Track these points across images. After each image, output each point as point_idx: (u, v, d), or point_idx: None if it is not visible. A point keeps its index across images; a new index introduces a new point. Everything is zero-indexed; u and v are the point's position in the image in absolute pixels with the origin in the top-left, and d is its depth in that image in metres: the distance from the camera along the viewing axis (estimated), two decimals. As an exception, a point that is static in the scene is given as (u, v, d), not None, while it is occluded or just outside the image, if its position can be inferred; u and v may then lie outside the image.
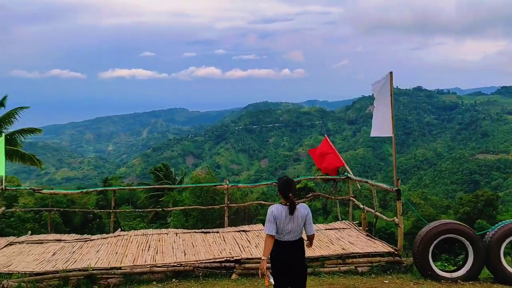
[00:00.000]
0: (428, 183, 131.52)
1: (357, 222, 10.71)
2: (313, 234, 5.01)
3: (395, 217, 8.51)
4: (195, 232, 9.81)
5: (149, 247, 8.72)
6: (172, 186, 15.12)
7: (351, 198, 10.81)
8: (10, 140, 21.63)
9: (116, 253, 8.34)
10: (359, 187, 10.83)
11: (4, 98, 22.12)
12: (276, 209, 4.75)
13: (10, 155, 20.88)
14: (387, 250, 8.21)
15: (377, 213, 9.33)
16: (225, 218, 10.52)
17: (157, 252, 8.35)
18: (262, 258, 4.67)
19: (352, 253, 8.08)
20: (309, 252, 8.12)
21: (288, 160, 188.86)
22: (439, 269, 7.78)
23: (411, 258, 8.16)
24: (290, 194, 4.74)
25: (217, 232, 9.79)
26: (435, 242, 7.65)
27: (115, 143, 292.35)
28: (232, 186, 10.56)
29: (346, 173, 11.00)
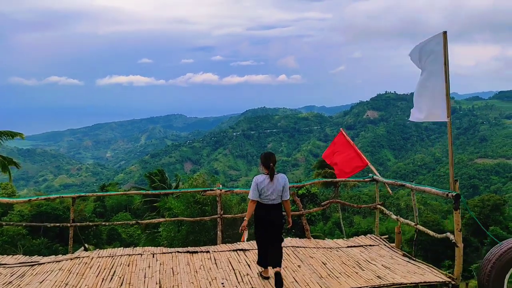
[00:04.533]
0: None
1: (386, 236, 8.44)
2: (288, 199, 5.96)
3: (448, 233, 6.25)
4: (177, 252, 7.47)
5: (113, 275, 6.40)
6: (146, 192, 12.48)
7: (378, 206, 8.53)
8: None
9: (66, 284, 6.03)
10: (390, 191, 8.56)
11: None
12: (258, 178, 5.85)
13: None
14: (441, 279, 5.92)
15: (419, 226, 7.04)
16: (218, 232, 8.22)
17: (122, 283, 6.04)
18: (244, 219, 5.93)
19: (394, 284, 5.78)
20: (334, 285, 5.84)
21: (287, 165, 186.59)
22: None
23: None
24: (271, 164, 5.77)
25: (207, 251, 7.47)
26: (512, 270, 5.44)
27: (113, 150, 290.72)
28: (226, 191, 8.28)
29: (371, 175, 8.74)
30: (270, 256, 5.94)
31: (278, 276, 5.74)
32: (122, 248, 7.80)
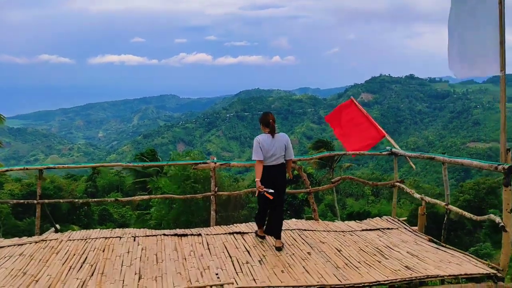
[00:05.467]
0: (420, 171, 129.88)
1: (404, 218, 7.38)
2: (291, 159, 5.89)
3: (492, 215, 5.19)
4: (164, 235, 6.34)
5: (83, 262, 5.27)
6: (127, 164, 10.84)
7: (397, 183, 7.43)
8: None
9: (24, 273, 4.91)
10: (413, 166, 7.45)
11: None
12: (260, 137, 5.73)
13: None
14: (484, 271, 4.85)
15: (451, 207, 5.97)
16: (212, 212, 7.09)
17: (92, 273, 4.92)
18: (256, 180, 5.59)
19: (428, 276, 4.71)
20: (355, 277, 4.75)
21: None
22: None
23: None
24: (271, 121, 5.71)
25: (199, 234, 6.35)
26: None
27: (105, 130, 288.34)
28: (222, 164, 7.12)
29: (389, 147, 7.62)
30: (270, 223, 5.86)
31: (279, 250, 5.65)
32: (98, 229, 6.65)
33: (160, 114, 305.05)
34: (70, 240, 6.08)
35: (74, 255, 5.50)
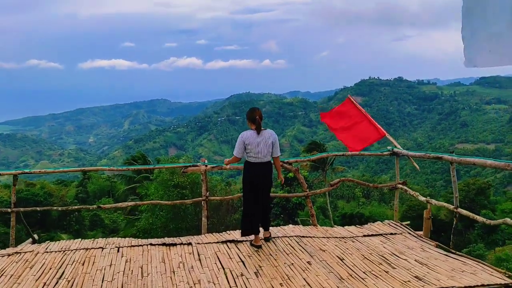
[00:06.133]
0: (409, 172, 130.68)
1: (407, 222, 6.95)
2: (278, 156, 5.63)
3: (507, 219, 4.76)
4: (150, 244, 5.83)
5: (59, 277, 4.75)
6: (110, 168, 9.90)
7: (399, 185, 7.01)
8: None
9: (-8, 292, 4.39)
10: (417, 167, 7.04)
11: None
12: (245, 134, 5.46)
13: None
14: (502, 281, 4.43)
15: (461, 210, 5.55)
16: (203, 219, 6.60)
17: (69, 291, 4.41)
18: (229, 160, 5.80)
19: (442, 288, 4.27)
20: (359, 286, 4.29)
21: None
22: None
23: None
24: (257, 117, 5.41)
25: (189, 243, 5.85)
26: None
27: (96, 135, 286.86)
28: (213, 167, 6.64)
29: (391, 147, 7.20)
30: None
31: (267, 240, 5.70)
32: (79, 239, 6.13)
33: (151, 119, 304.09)
34: (47, 252, 5.55)
35: (50, 269, 4.97)
